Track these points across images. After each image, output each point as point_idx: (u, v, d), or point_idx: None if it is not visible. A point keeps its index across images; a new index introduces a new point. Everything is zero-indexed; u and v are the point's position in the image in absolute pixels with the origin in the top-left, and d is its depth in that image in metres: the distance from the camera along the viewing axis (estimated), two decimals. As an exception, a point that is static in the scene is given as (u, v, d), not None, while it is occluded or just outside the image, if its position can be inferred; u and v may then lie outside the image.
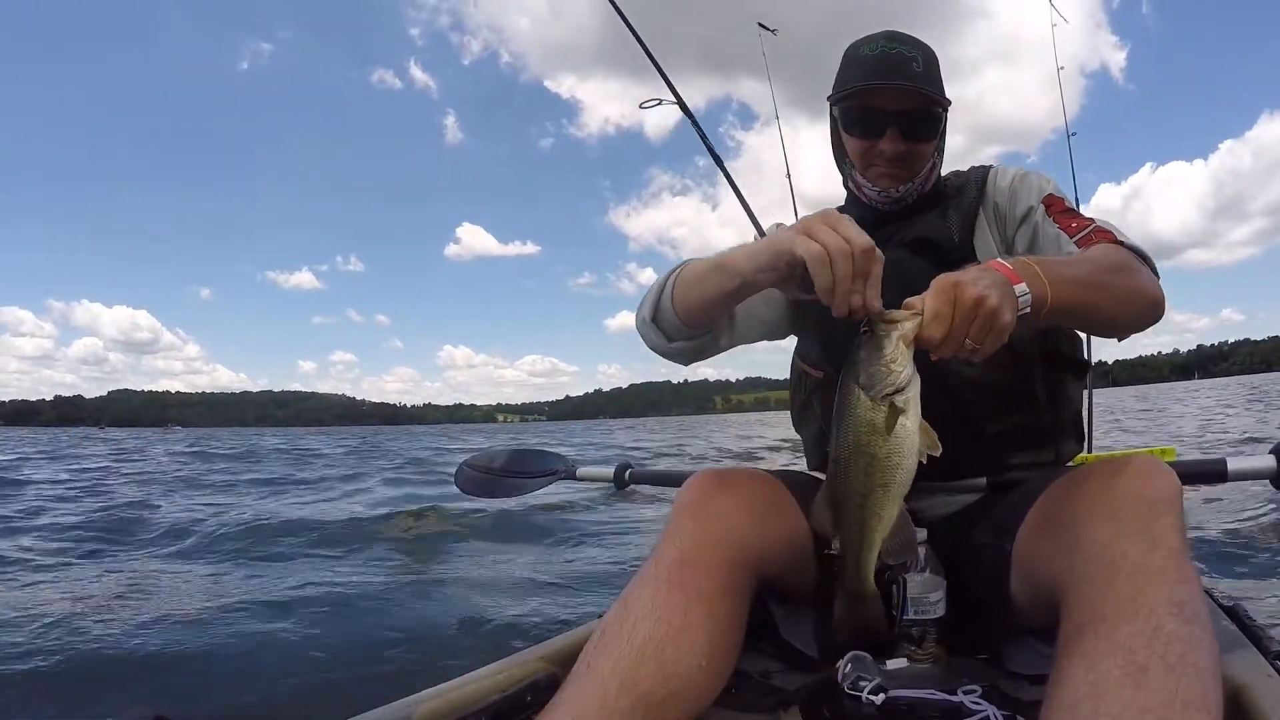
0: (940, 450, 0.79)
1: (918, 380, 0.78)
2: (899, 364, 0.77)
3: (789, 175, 2.86)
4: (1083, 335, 1.26)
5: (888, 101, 1.10)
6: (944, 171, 1.23)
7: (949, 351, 0.77)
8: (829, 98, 1.17)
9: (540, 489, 2.10)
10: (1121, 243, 1.00)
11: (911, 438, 0.78)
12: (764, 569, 0.98)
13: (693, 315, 1.05)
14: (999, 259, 0.83)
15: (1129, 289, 0.93)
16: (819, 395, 1.25)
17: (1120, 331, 0.97)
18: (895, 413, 0.77)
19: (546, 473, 2.08)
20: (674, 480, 1.68)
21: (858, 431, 0.79)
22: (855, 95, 1.11)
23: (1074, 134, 3.28)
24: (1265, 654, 0.98)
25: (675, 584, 0.87)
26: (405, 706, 0.92)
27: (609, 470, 1.96)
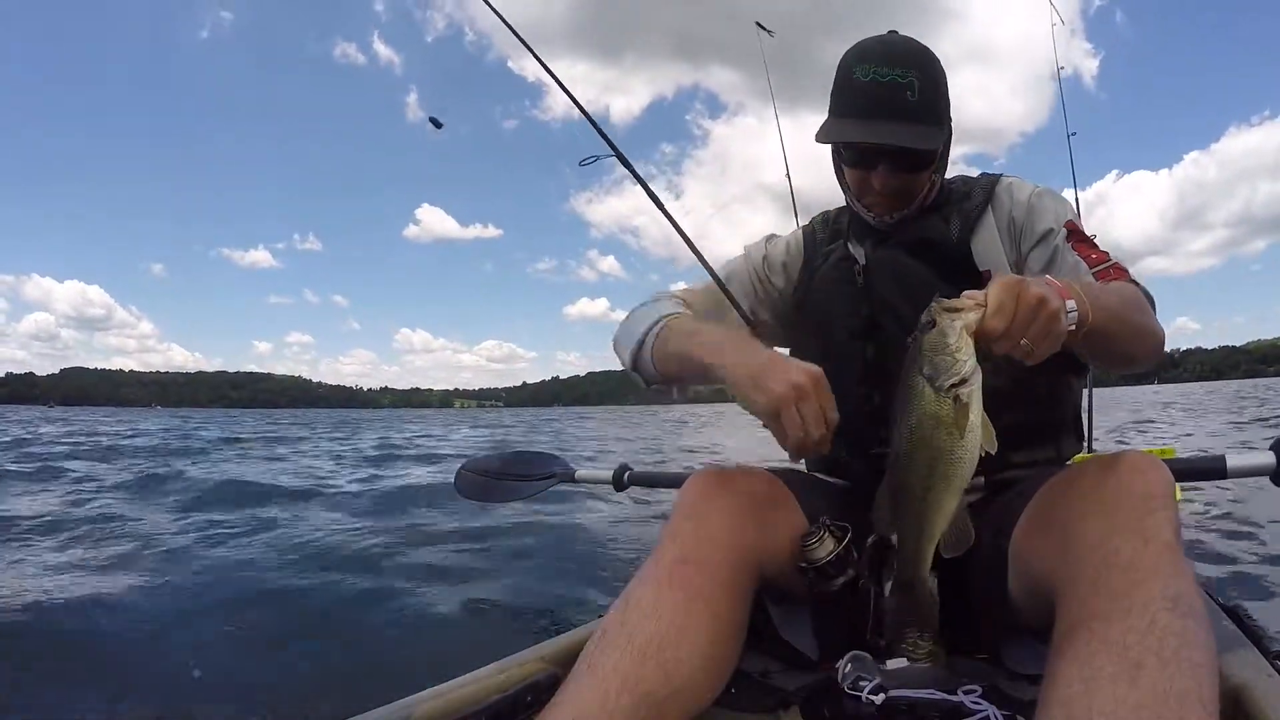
0: (996, 448, 0.78)
1: (980, 373, 0.76)
2: (964, 353, 0.75)
3: (789, 176, 2.87)
4: None
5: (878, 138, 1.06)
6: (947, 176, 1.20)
7: (1006, 347, 0.76)
8: (817, 134, 1.12)
9: (539, 492, 2.09)
10: (1135, 283, 1.02)
11: (976, 431, 0.77)
12: (764, 568, 0.98)
13: (671, 377, 1.12)
14: (1048, 276, 0.84)
15: (1146, 328, 0.96)
16: None
17: (1131, 366, 0.99)
18: (961, 405, 0.76)
19: (545, 475, 2.08)
20: (673, 481, 1.68)
21: (922, 425, 0.77)
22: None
23: (1073, 134, 3.28)
24: (1265, 654, 0.98)
25: (676, 583, 0.87)
26: (405, 706, 0.92)
27: (608, 472, 1.95)
